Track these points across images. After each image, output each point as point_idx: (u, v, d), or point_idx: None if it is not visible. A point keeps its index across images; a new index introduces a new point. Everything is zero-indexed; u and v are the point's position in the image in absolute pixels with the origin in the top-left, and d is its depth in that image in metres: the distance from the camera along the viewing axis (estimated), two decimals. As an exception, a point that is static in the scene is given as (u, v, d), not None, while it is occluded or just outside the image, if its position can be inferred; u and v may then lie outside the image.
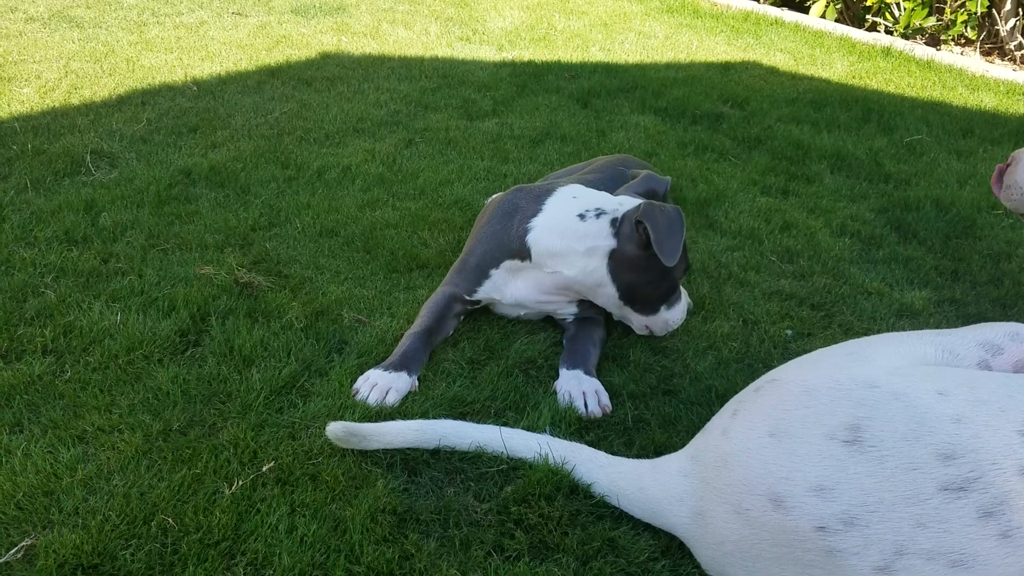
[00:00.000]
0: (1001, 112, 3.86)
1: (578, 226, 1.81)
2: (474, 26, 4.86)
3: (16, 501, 1.33)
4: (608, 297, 1.85)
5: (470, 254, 1.92)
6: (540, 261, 1.84)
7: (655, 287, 1.84)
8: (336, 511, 1.35)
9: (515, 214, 1.88)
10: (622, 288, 1.82)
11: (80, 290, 1.94)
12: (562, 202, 1.87)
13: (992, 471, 1.02)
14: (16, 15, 4.39)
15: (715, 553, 1.21)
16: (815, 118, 3.58)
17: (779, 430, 1.16)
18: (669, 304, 1.88)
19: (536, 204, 1.88)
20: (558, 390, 1.70)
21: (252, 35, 4.34)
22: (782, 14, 5.57)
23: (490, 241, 1.89)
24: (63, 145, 2.77)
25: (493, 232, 1.89)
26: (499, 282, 1.88)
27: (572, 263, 1.82)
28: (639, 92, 3.80)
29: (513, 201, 1.92)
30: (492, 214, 1.93)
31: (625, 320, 1.93)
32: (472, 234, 1.99)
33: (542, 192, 1.91)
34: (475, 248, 1.91)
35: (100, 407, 1.56)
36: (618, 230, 1.79)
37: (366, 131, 3.14)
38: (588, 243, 1.80)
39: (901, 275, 2.29)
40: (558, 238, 1.82)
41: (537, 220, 1.85)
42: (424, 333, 1.78)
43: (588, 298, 1.88)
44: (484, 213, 1.99)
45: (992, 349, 1.29)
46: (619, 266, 1.80)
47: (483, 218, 1.97)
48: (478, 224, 1.98)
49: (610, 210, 1.82)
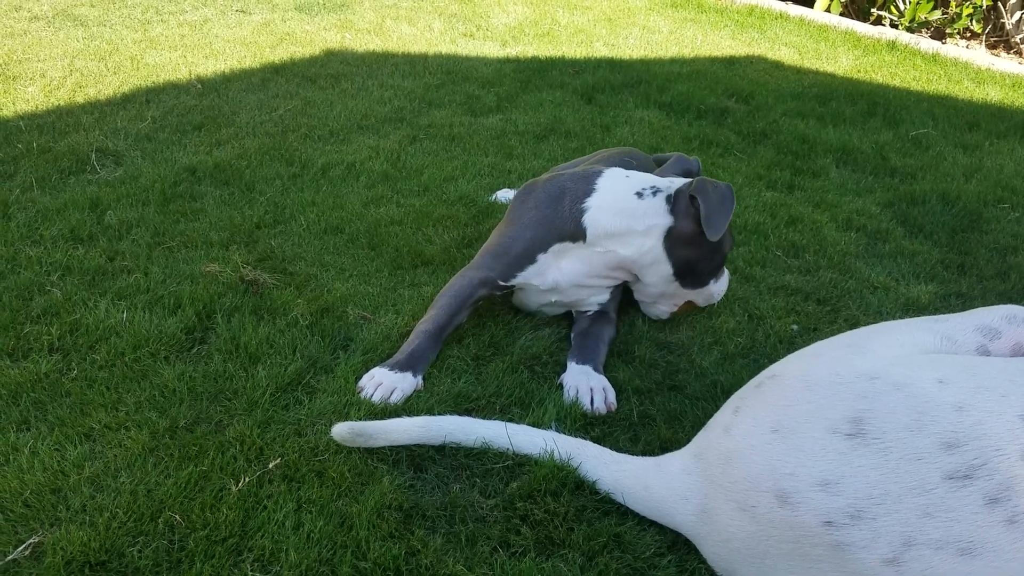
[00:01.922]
0: (1007, 105, 3.84)
1: (637, 204, 1.81)
2: (478, 22, 4.85)
3: (24, 499, 1.34)
4: (661, 275, 1.85)
5: (514, 239, 1.87)
6: (595, 241, 1.82)
7: (708, 262, 1.86)
8: (342, 507, 1.35)
9: (563, 197, 1.85)
10: (678, 265, 1.83)
11: (86, 288, 1.95)
12: (616, 181, 1.86)
13: (996, 457, 1.01)
14: (20, 14, 4.40)
15: (722, 550, 1.21)
16: (820, 112, 3.57)
17: (782, 426, 1.16)
18: (716, 277, 1.93)
19: (587, 184, 1.86)
20: (565, 384, 1.70)
21: (256, 32, 4.34)
22: (787, 8, 5.55)
23: (539, 226, 1.85)
24: (68, 143, 2.77)
25: (542, 217, 1.85)
26: (543, 266, 1.86)
27: (629, 242, 1.82)
28: (643, 87, 3.79)
29: (558, 184, 1.89)
30: (536, 199, 1.89)
31: (658, 300, 1.92)
32: (509, 220, 1.92)
33: (589, 173, 1.89)
34: (521, 233, 1.86)
35: (107, 405, 1.57)
36: (673, 207, 1.80)
37: (370, 128, 3.14)
38: (647, 221, 1.80)
39: (907, 269, 2.29)
40: (616, 217, 1.81)
41: (592, 200, 1.83)
42: (436, 331, 1.77)
43: (636, 276, 1.87)
44: (522, 199, 1.93)
45: (990, 333, 1.29)
46: (675, 243, 1.81)
47: (524, 204, 1.91)
48: (518, 210, 1.91)
49: (664, 187, 1.83)
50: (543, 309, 1.95)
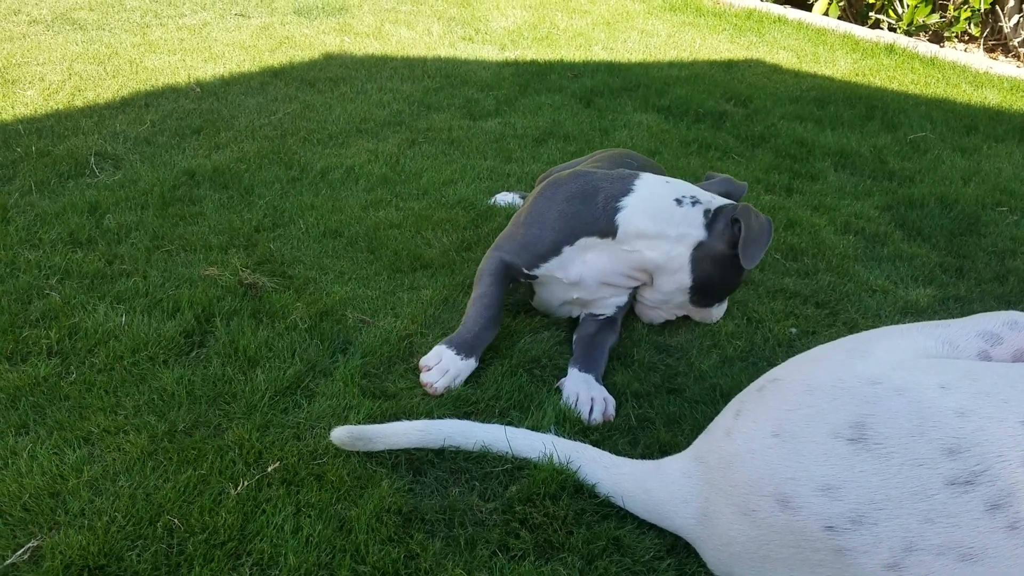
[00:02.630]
0: (1005, 109, 3.85)
1: (675, 210, 1.81)
2: (476, 26, 4.86)
3: (22, 502, 1.34)
4: (678, 284, 1.85)
5: (542, 231, 1.84)
6: (624, 240, 1.82)
7: (724, 285, 1.87)
8: (341, 511, 1.35)
9: (597, 194, 1.84)
10: (698, 279, 1.84)
11: (85, 292, 1.95)
12: (655, 184, 1.86)
13: (998, 463, 1.01)
14: (19, 17, 4.40)
15: (722, 554, 1.21)
16: (819, 116, 3.57)
17: (783, 430, 1.16)
18: (720, 301, 1.94)
19: (623, 184, 1.85)
20: (565, 390, 1.69)
21: (255, 36, 4.34)
22: (785, 12, 5.56)
23: (569, 219, 1.84)
24: (67, 147, 2.77)
25: (574, 211, 1.84)
26: (567, 259, 1.84)
27: (658, 246, 1.82)
28: (642, 91, 3.80)
29: (591, 182, 1.87)
30: (568, 193, 1.87)
31: (660, 307, 1.93)
32: (535, 213, 1.88)
33: (625, 175, 1.89)
34: (550, 224, 1.84)
35: (105, 408, 1.57)
36: (710, 222, 1.81)
37: (369, 131, 3.14)
38: (681, 229, 1.81)
39: (905, 272, 2.29)
40: (651, 220, 1.81)
41: (629, 200, 1.82)
42: (496, 308, 1.78)
43: (654, 280, 1.87)
44: (550, 193, 1.90)
45: (991, 339, 1.29)
46: (702, 258, 1.82)
47: (553, 197, 1.88)
48: (545, 203, 1.88)
49: (704, 201, 1.84)
50: (561, 309, 1.94)
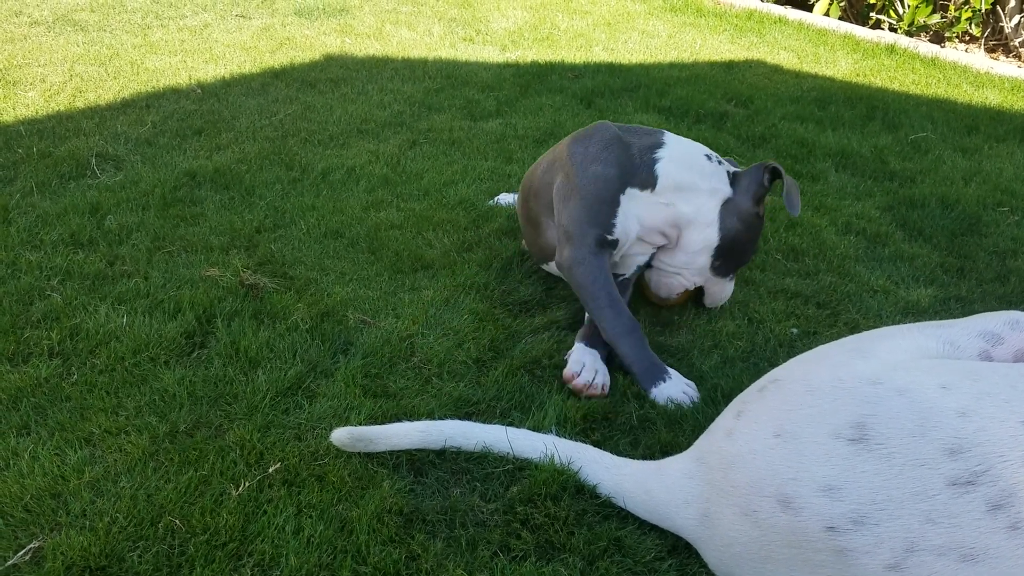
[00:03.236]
0: (1006, 109, 3.84)
1: (706, 164, 1.86)
2: (477, 27, 4.86)
3: (24, 503, 1.34)
4: (705, 241, 1.87)
5: (595, 181, 1.81)
6: (662, 192, 1.84)
7: (744, 249, 1.90)
8: (342, 512, 1.35)
9: (628, 146, 1.86)
10: (725, 236, 1.86)
11: (86, 293, 1.95)
12: (682, 139, 1.89)
13: (1000, 464, 1.01)
14: (21, 19, 4.41)
15: (724, 555, 1.21)
16: (819, 116, 3.57)
17: (784, 431, 1.16)
18: (732, 276, 1.96)
19: (651, 138, 1.88)
20: (571, 358, 1.72)
21: (256, 37, 4.34)
22: (786, 12, 5.56)
23: (616, 166, 1.82)
24: (68, 148, 2.78)
25: (616, 158, 1.83)
26: (624, 212, 1.83)
27: (691, 200, 1.85)
28: (643, 91, 3.80)
29: (620, 136, 1.88)
30: (602, 143, 1.85)
31: (678, 273, 1.92)
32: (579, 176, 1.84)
33: (647, 129, 1.92)
34: (599, 174, 1.81)
35: (107, 409, 1.57)
36: (734, 181, 1.86)
37: (370, 132, 3.14)
38: (712, 183, 1.85)
39: (907, 273, 2.29)
40: (687, 172, 1.84)
41: (663, 152, 1.85)
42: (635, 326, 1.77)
43: (682, 237, 1.88)
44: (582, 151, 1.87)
45: (992, 339, 1.28)
46: (729, 214, 1.85)
47: (587, 154, 1.85)
48: (584, 160, 1.85)
49: (724, 162, 1.89)
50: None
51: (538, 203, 2.00)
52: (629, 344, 1.75)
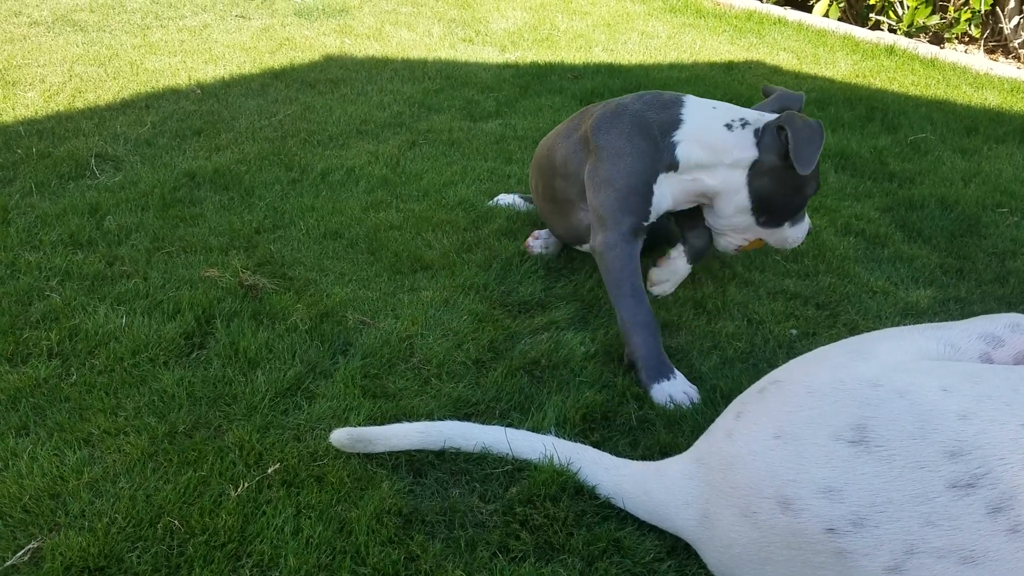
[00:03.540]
0: (1005, 110, 3.85)
1: (726, 137, 1.84)
2: (477, 27, 4.86)
3: (23, 504, 1.34)
4: (737, 205, 1.87)
5: (631, 177, 1.85)
6: (685, 171, 1.86)
7: (787, 200, 1.87)
8: (341, 512, 1.35)
9: (650, 128, 1.87)
10: (756, 198, 1.85)
11: (85, 293, 1.95)
12: (703, 112, 1.88)
13: (999, 466, 1.01)
14: (20, 19, 4.41)
15: (723, 556, 1.21)
16: (819, 117, 3.57)
17: (784, 432, 1.16)
18: (793, 221, 1.93)
19: (672, 115, 1.87)
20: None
21: (255, 38, 4.34)
22: (785, 13, 5.57)
23: (644, 157, 1.85)
24: (68, 149, 2.77)
25: (643, 149, 1.85)
26: (656, 196, 1.88)
27: (716, 174, 1.86)
28: (642, 92, 3.79)
29: (641, 114, 1.89)
30: (626, 133, 1.87)
31: (728, 232, 1.94)
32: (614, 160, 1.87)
33: (669, 101, 1.90)
34: (631, 168, 1.85)
35: (106, 410, 1.56)
36: (760, 140, 1.83)
37: (369, 133, 3.14)
38: (734, 155, 1.83)
39: (906, 274, 2.29)
40: (707, 150, 1.84)
41: (681, 132, 1.85)
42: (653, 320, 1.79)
43: (714, 204, 1.90)
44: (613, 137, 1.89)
45: (993, 341, 1.28)
46: (757, 176, 1.84)
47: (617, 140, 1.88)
48: (615, 148, 1.87)
49: (752, 120, 1.86)
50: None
51: (568, 185, 2.01)
52: (642, 336, 1.75)
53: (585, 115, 2.06)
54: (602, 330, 1.93)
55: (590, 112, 2.04)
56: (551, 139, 2.13)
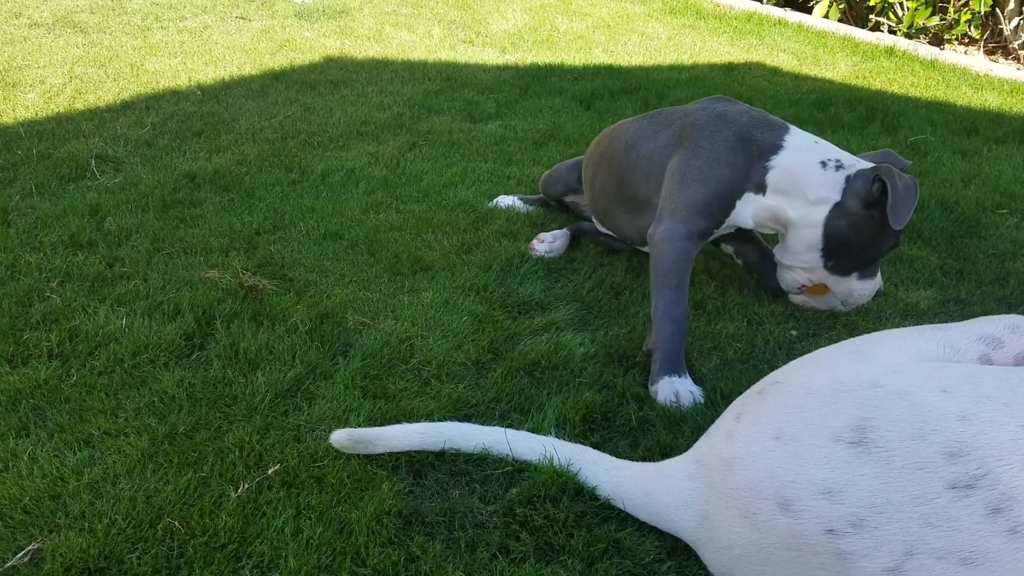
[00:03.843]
0: (1005, 111, 3.85)
1: (818, 174, 1.85)
2: (477, 28, 4.86)
3: (23, 505, 1.34)
4: (807, 242, 1.88)
5: (720, 182, 1.86)
6: (771, 196, 1.88)
7: (859, 251, 1.87)
8: (342, 513, 1.35)
9: (751, 145, 1.88)
10: (829, 239, 1.86)
11: (85, 294, 1.95)
12: (804, 143, 1.89)
13: (999, 467, 1.01)
14: (20, 20, 4.41)
15: (723, 557, 1.21)
16: (819, 118, 3.58)
17: (784, 433, 1.16)
18: (862, 275, 1.92)
19: (774, 138, 1.89)
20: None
21: (256, 39, 4.35)
22: (785, 14, 5.57)
23: (737, 171, 1.87)
24: (68, 150, 2.78)
25: (739, 163, 1.87)
26: (737, 211, 1.90)
27: (797, 207, 1.87)
28: (642, 93, 3.80)
29: (744, 128, 1.90)
30: (729, 144, 1.89)
31: (794, 267, 1.94)
32: (704, 167, 1.88)
33: (774, 124, 1.92)
34: (725, 177, 1.87)
35: (106, 411, 1.57)
36: (849, 184, 1.83)
37: (370, 134, 3.14)
38: (821, 193, 1.84)
39: (906, 275, 2.29)
40: (795, 182, 1.86)
41: (778, 159, 1.87)
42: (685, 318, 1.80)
43: (787, 235, 1.91)
44: (706, 144, 1.90)
45: (993, 343, 1.29)
46: (836, 218, 1.84)
47: (713, 149, 1.89)
48: (709, 156, 1.89)
49: (848, 165, 1.86)
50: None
51: (649, 184, 2.00)
52: (669, 331, 1.76)
53: (673, 116, 2.05)
54: (602, 331, 1.93)
55: (685, 112, 2.03)
56: (626, 136, 2.10)
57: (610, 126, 2.29)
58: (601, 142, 2.22)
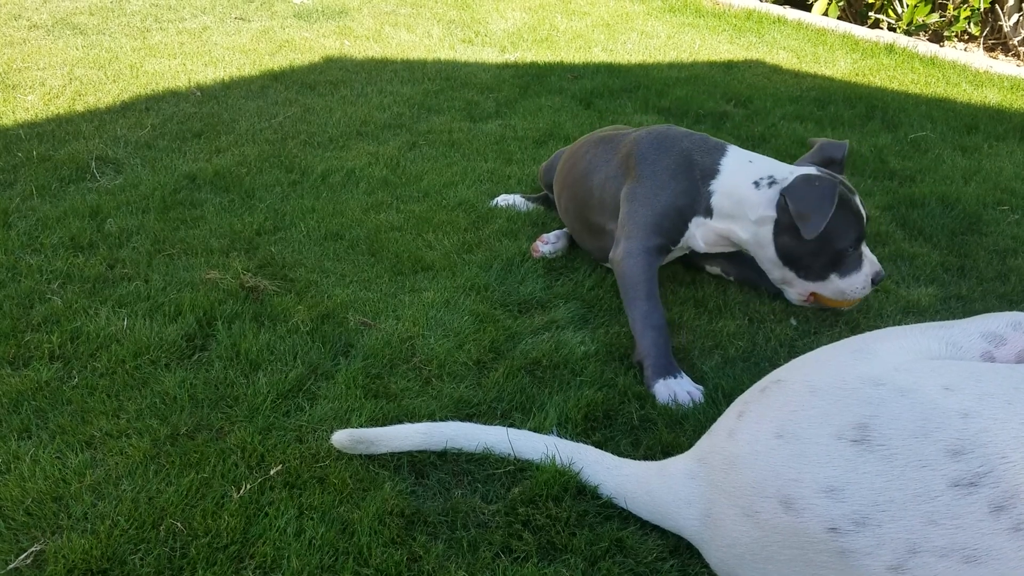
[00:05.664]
0: (1005, 108, 3.84)
1: (751, 194, 1.89)
2: (476, 28, 4.86)
3: (25, 507, 1.34)
4: (771, 260, 1.93)
5: (667, 205, 1.93)
6: (719, 220, 1.94)
7: (819, 256, 1.90)
8: (344, 514, 1.35)
9: (693, 169, 1.94)
10: (783, 254, 1.91)
11: (86, 296, 1.95)
12: (738, 165, 1.93)
13: (1002, 465, 1.01)
14: (20, 22, 4.41)
15: (726, 555, 1.21)
16: (819, 116, 3.57)
17: (786, 431, 1.16)
18: (842, 272, 1.92)
19: (712, 162, 1.95)
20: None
21: (255, 40, 4.35)
22: (784, 12, 5.57)
23: (682, 197, 1.94)
24: (68, 152, 2.78)
25: (683, 190, 1.94)
26: (690, 233, 1.97)
27: (745, 228, 1.92)
28: (642, 92, 3.80)
29: (688, 154, 1.96)
30: (671, 171, 1.95)
31: (785, 285, 2.00)
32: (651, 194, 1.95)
33: (713, 147, 1.97)
34: (671, 205, 1.93)
35: (108, 412, 1.57)
36: (784, 198, 1.87)
37: (370, 134, 3.14)
38: (759, 212, 1.89)
39: (907, 272, 2.29)
40: (735, 204, 1.91)
41: (717, 184, 1.93)
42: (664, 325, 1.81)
43: (756, 257, 1.97)
44: (649, 171, 1.97)
45: (995, 340, 1.28)
46: (779, 235, 1.89)
47: (657, 176, 1.96)
48: (653, 182, 1.96)
49: (780, 179, 1.89)
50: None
51: (604, 212, 2.07)
52: (652, 338, 1.77)
53: (620, 139, 2.10)
54: (603, 329, 1.93)
55: (629, 136, 2.09)
56: (582, 164, 2.17)
57: (575, 143, 2.35)
58: (564, 165, 2.28)
